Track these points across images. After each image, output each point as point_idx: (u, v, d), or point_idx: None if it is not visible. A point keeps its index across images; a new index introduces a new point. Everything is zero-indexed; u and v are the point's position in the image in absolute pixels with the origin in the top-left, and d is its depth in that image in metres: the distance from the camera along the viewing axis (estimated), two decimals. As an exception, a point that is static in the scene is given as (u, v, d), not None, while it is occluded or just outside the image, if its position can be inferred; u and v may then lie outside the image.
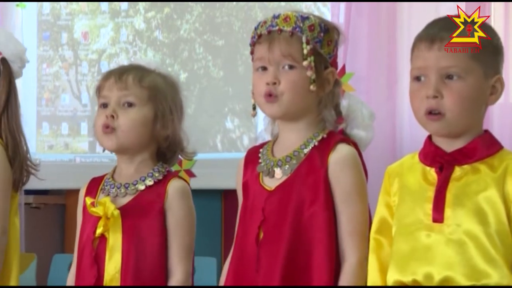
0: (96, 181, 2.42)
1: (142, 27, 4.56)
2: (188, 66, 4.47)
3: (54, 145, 4.73)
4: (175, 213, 2.32)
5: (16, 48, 2.56)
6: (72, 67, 4.72)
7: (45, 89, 4.76)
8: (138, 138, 2.34)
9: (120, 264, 2.26)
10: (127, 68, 2.38)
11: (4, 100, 2.52)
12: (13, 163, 2.50)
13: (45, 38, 4.78)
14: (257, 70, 2.21)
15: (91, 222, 2.33)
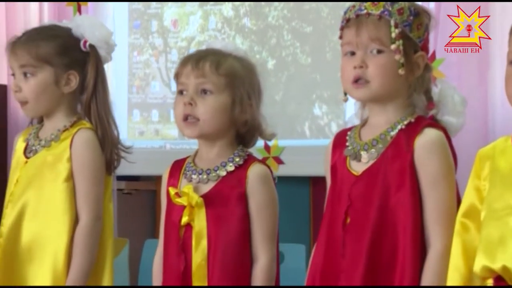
0: (178, 164, 2.42)
1: (231, 14, 4.57)
2: (276, 53, 4.46)
3: (145, 132, 4.79)
4: (257, 198, 2.30)
5: (101, 33, 2.57)
6: (162, 54, 4.76)
7: (135, 76, 4.82)
8: (218, 125, 2.33)
9: (207, 251, 2.28)
10: (204, 54, 2.36)
11: (92, 85, 2.55)
12: (103, 147, 2.54)
13: (135, 27, 4.84)
14: (345, 55, 2.19)
15: (175, 209, 2.34)
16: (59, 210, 2.49)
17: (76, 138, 2.52)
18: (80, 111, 2.59)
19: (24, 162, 2.55)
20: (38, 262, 2.50)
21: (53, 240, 2.49)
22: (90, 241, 2.50)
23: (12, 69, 2.56)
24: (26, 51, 2.51)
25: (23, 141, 2.61)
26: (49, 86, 2.52)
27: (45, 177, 2.51)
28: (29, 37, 2.55)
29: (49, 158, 2.53)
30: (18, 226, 2.51)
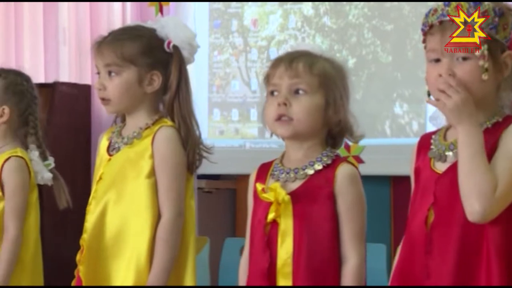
0: (265, 166, 2.41)
1: (311, 13, 4.56)
2: (357, 51, 4.43)
3: (225, 131, 4.81)
4: (346, 198, 2.29)
5: (185, 35, 2.59)
6: (242, 54, 4.78)
7: (216, 76, 4.84)
8: (311, 126, 2.32)
9: (292, 249, 2.26)
10: (296, 55, 2.35)
11: (175, 85, 2.57)
12: (186, 146, 2.55)
13: (216, 26, 4.86)
14: (430, 61, 2.16)
15: (262, 207, 2.32)
16: (142, 207, 2.51)
17: (158, 135, 2.53)
18: (161, 110, 2.63)
19: (107, 160, 2.57)
20: (121, 258, 2.51)
21: (135, 237, 2.50)
22: (172, 237, 2.50)
23: (97, 67, 2.58)
24: (111, 51, 2.53)
25: (106, 139, 2.64)
26: (133, 86, 2.54)
27: (128, 174, 2.53)
28: (115, 36, 2.57)
29: (131, 155, 2.55)
30: (102, 223, 2.53)
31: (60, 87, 4.82)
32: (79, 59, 5.05)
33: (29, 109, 2.85)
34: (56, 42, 5.13)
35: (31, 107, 2.85)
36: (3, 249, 2.71)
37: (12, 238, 2.72)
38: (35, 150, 2.84)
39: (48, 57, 5.14)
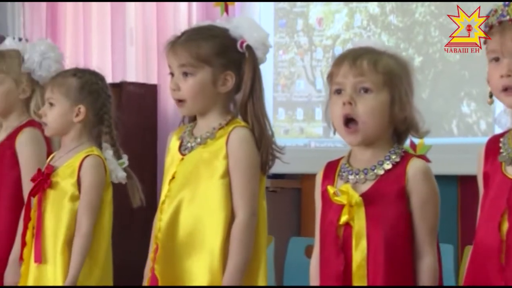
0: (332, 165, 2.37)
1: (377, 11, 4.52)
2: (423, 50, 4.38)
3: (290, 130, 4.80)
4: (419, 194, 2.24)
5: (259, 35, 2.59)
6: (307, 53, 4.76)
7: (281, 75, 4.83)
8: (378, 125, 2.29)
9: (366, 251, 2.23)
10: (360, 52, 2.31)
11: (249, 86, 2.55)
12: (260, 146, 2.53)
13: (281, 25, 4.85)
14: (491, 61, 2.12)
15: (332, 209, 2.28)
16: (215, 207, 2.50)
17: (233, 136, 2.52)
18: (232, 110, 2.62)
19: (180, 159, 2.56)
20: (195, 258, 2.50)
21: (209, 237, 2.49)
22: (246, 237, 2.49)
23: (171, 68, 2.57)
24: (186, 51, 2.52)
25: (177, 139, 2.62)
26: (207, 86, 2.53)
27: (202, 174, 2.52)
28: (189, 37, 2.55)
29: (205, 155, 2.54)
30: (175, 222, 2.52)
31: (127, 87, 4.87)
32: (146, 59, 5.10)
33: (104, 108, 2.87)
34: (123, 42, 5.19)
35: (106, 106, 2.87)
36: (75, 243, 2.75)
37: (84, 233, 2.75)
38: (109, 149, 2.87)
39: (115, 57, 5.20)
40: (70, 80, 2.86)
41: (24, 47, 3.09)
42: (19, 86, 3.06)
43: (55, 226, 2.79)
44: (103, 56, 5.28)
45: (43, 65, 3.07)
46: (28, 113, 3.05)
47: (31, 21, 5.58)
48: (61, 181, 2.82)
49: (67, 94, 2.84)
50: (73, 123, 2.85)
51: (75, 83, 2.86)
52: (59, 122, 2.85)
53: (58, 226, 2.78)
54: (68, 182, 2.81)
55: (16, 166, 2.98)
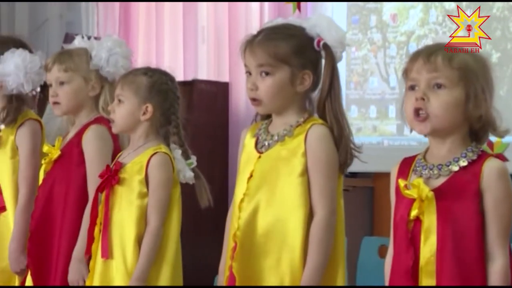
0: (407, 161, 2.35)
1: (452, 6, 4.45)
2: (501, 46, 4.29)
3: (363, 128, 4.76)
4: (494, 193, 2.20)
5: (337, 34, 2.57)
6: (380, 50, 4.70)
7: (354, 72, 4.79)
8: (450, 121, 2.27)
9: (436, 247, 2.20)
10: (435, 48, 2.28)
11: (327, 84, 2.54)
12: (339, 145, 2.52)
13: (354, 22, 4.80)
14: None
15: (404, 203, 2.26)
16: (295, 205, 2.48)
17: (311, 133, 2.50)
18: (308, 108, 2.59)
19: (258, 157, 2.54)
20: (274, 256, 2.49)
21: (289, 235, 2.47)
22: (326, 236, 2.48)
23: (248, 67, 2.54)
24: (264, 51, 2.50)
25: (252, 136, 2.60)
26: (285, 86, 2.51)
27: (280, 171, 2.50)
28: (267, 36, 2.53)
29: (284, 152, 2.52)
30: (254, 220, 2.51)
31: (199, 85, 4.89)
32: (218, 57, 5.11)
33: (172, 108, 2.87)
34: (195, 40, 5.22)
35: (173, 107, 2.87)
36: (144, 241, 2.76)
37: (152, 231, 2.76)
38: (177, 149, 2.88)
39: (187, 55, 5.23)
40: (140, 78, 2.85)
41: (91, 44, 3.10)
42: (88, 83, 3.07)
43: (123, 222, 2.78)
44: (175, 54, 5.30)
45: (111, 61, 3.07)
46: (97, 110, 3.06)
47: (104, 20, 5.64)
48: (129, 177, 2.81)
49: (136, 92, 2.84)
50: (140, 121, 2.84)
51: (145, 81, 2.85)
52: (126, 119, 2.85)
53: (127, 222, 2.78)
54: (136, 179, 2.80)
55: (83, 163, 2.99)
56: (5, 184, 3.21)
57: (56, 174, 3.04)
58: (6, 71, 3.19)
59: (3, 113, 3.22)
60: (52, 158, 3.04)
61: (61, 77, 3.05)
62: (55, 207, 3.02)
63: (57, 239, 3.00)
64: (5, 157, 3.22)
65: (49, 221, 3.02)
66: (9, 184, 3.20)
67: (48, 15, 5.83)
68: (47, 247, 3.01)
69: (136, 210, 2.78)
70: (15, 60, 3.20)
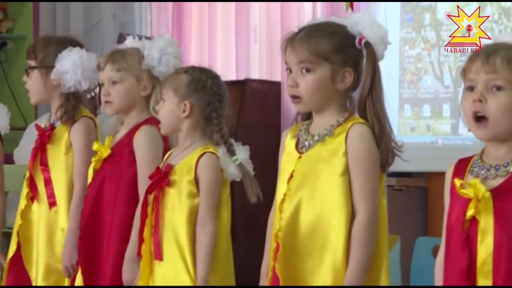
0: (463, 162, 2.32)
1: (509, 4, 4.38)
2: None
3: (416, 127, 4.71)
4: None
5: (379, 32, 2.56)
6: (434, 48, 4.65)
7: (407, 71, 4.74)
8: (509, 124, 2.23)
9: (492, 247, 2.17)
10: (494, 49, 2.23)
11: (369, 83, 2.53)
12: (380, 144, 2.50)
13: (407, 20, 4.75)
14: None
15: (460, 203, 2.24)
16: (336, 205, 2.47)
17: (352, 133, 2.49)
18: (349, 107, 2.57)
19: (298, 157, 2.54)
20: (317, 257, 2.48)
21: (331, 235, 2.47)
22: (368, 235, 2.46)
23: (288, 64, 2.54)
24: (305, 47, 2.49)
25: (292, 137, 2.60)
26: (325, 83, 2.51)
27: (321, 171, 2.50)
28: (308, 33, 2.52)
29: (324, 153, 2.51)
30: (296, 220, 2.50)
31: (251, 84, 4.88)
32: (270, 56, 5.09)
33: (211, 105, 2.86)
34: (247, 40, 5.21)
35: (213, 104, 2.86)
36: (201, 243, 2.75)
37: (209, 232, 2.76)
38: (222, 147, 2.87)
39: (239, 54, 5.22)
40: (180, 77, 2.86)
41: (143, 44, 3.12)
42: (140, 83, 3.08)
43: (175, 223, 2.79)
44: (228, 54, 5.30)
45: (162, 61, 3.09)
46: (148, 110, 3.07)
47: (157, 20, 5.66)
48: (178, 179, 2.81)
49: (176, 90, 2.84)
50: (181, 119, 2.84)
51: (184, 79, 2.85)
52: (168, 119, 2.86)
53: (179, 223, 2.78)
54: (185, 179, 2.80)
55: (133, 164, 3.01)
56: (58, 180, 3.23)
57: (106, 173, 3.06)
58: (64, 69, 3.22)
59: (60, 111, 3.25)
60: (102, 157, 3.06)
61: (114, 76, 3.07)
62: (105, 206, 3.05)
63: (107, 238, 3.02)
64: (59, 153, 3.25)
65: (99, 220, 3.05)
66: (62, 180, 3.23)
67: (102, 15, 5.87)
68: (96, 245, 3.05)
69: (187, 211, 2.78)
70: (73, 58, 3.23)
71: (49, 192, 3.23)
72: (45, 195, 3.24)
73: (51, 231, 3.23)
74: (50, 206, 3.22)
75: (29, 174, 3.28)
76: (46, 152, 3.26)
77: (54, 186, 3.23)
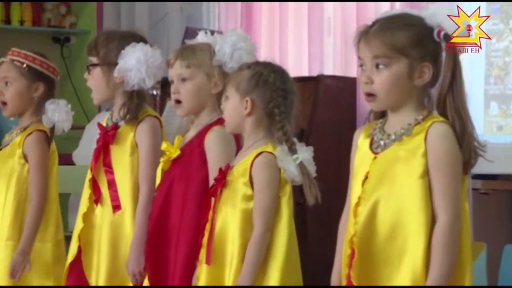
0: None
1: None
2: None
3: (504, 126, 4.66)
4: None
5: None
6: (524, 40, 4.61)
7: (493, 66, 4.69)
8: None
9: None
10: None
11: (449, 78, 2.50)
12: (462, 143, 2.47)
13: (494, 11, 4.71)
14: None
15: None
16: (415, 209, 2.45)
17: (432, 132, 2.48)
18: (427, 105, 2.55)
19: (373, 158, 2.53)
20: (395, 264, 2.47)
21: (410, 242, 2.46)
22: (450, 242, 2.44)
23: (362, 59, 2.53)
24: (380, 41, 2.48)
25: (366, 136, 2.59)
26: (402, 79, 2.49)
27: (398, 173, 2.48)
28: (383, 26, 2.51)
29: (402, 153, 2.50)
30: (371, 225, 2.50)
31: (325, 80, 4.87)
32: (344, 50, 5.07)
33: (273, 101, 2.87)
34: (320, 33, 5.19)
35: (275, 100, 2.86)
36: (247, 248, 2.76)
37: (257, 238, 2.75)
38: (283, 145, 2.87)
39: (312, 49, 5.21)
40: (243, 72, 2.88)
41: (214, 39, 3.12)
42: (211, 80, 3.08)
43: (227, 227, 2.81)
44: (300, 48, 5.30)
45: (234, 56, 3.07)
46: (219, 109, 3.07)
47: (226, 13, 5.69)
48: (234, 180, 2.84)
49: (238, 86, 2.85)
50: (244, 117, 2.85)
51: (246, 75, 2.87)
52: (232, 117, 2.87)
53: (230, 227, 2.80)
54: (240, 181, 2.82)
55: (204, 165, 3.00)
56: (123, 183, 3.25)
57: (175, 174, 3.06)
58: (128, 66, 3.23)
59: (123, 109, 3.26)
60: (171, 157, 3.06)
61: (183, 73, 3.07)
62: (174, 209, 3.04)
63: (175, 243, 3.01)
64: (124, 155, 3.26)
65: (167, 224, 3.05)
66: (127, 182, 3.24)
67: (168, 9, 5.93)
68: (164, 251, 3.04)
69: (240, 214, 2.80)
70: (137, 55, 3.23)
71: (113, 195, 3.24)
72: (108, 198, 3.25)
73: (115, 235, 3.25)
74: (114, 209, 3.24)
75: (91, 176, 3.30)
76: (109, 152, 3.28)
77: (118, 188, 3.25)
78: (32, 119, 3.52)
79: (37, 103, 3.53)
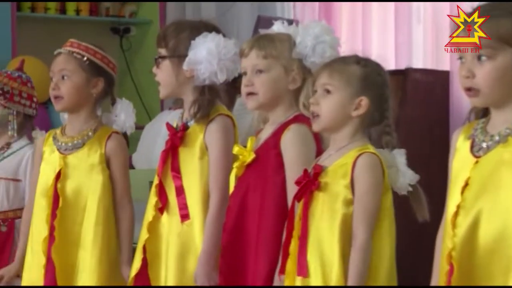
0: None
1: None
2: None
3: None
4: None
5: None
6: None
7: None
8: None
9: None
10: None
11: None
12: None
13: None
14: None
15: None
16: None
17: None
18: None
19: (474, 162, 2.52)
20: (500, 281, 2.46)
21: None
22: None
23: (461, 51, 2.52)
24: (483, 30, 2.47)
25: (466, 137, 2.58)
26: (508, 72, 2.49)
27: (503, 178, 2.47)
28: (485, 13, 2.50)
29: (507, 156, 2.49)
30: (473, 238, 2.49)
31: (413, 74, 4.86)
32: (436, 41, 5.04)
33: (386, 103, 2.84)
34: (409, 22, 5.17)
35: (388, 102, 2.85)
36: (352, 258, 2.73)
37: (361, 245, 2.72)
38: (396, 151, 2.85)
39: (399, 39, 5.20)
40: (353, 68, 2.86)
41: (295, 30, 3.10)
42: (289, 74, 3.06)
43: (323, 233, 2.78)
44: (385, 39, 5.28)
45: (317, 50, 3.05)
46: (297, 107, 3.05)
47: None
48: (331, 182, 2.79)
49: (348, 82, 2.83)
50: (350, 117, 2.84)
51: (358, 71, 2.85)
52: (334, 113, 2.85)
53: (328, 234, 2.77)
54: (340, 183, 2.78)
55: (281, 169, 2.98)
56: (192, 189, 3.22)
57: (250, 180, 3.04)
58: (198, 58, 3.20)
59: (194, 107, 3.23)
60: (245, 162, 3.05)
61: (259, 64, 3.04)
62: (250, 219, 3.03)
63: (253, 256, 2.99)
64: (193, 158, 3.24)
65: (243, 234, 3.04)
66: (196, 188, 3.22)
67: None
68: (241, 264, 3.03)
69: (340, 219, 2.76)
70: (208, 45, 3.20)
71: (181, 203, 3.23)
72: (176, 206, 3.24)
73: (184, 247, 3.24)
74: (182, 219, 3.23)
75: (158, 181, 3.29)
76: (177, 156, 3.26)
77: (187, 195, 3.25)
78: (93, 120, 3.54)
79: (94, 100, 3.54)
